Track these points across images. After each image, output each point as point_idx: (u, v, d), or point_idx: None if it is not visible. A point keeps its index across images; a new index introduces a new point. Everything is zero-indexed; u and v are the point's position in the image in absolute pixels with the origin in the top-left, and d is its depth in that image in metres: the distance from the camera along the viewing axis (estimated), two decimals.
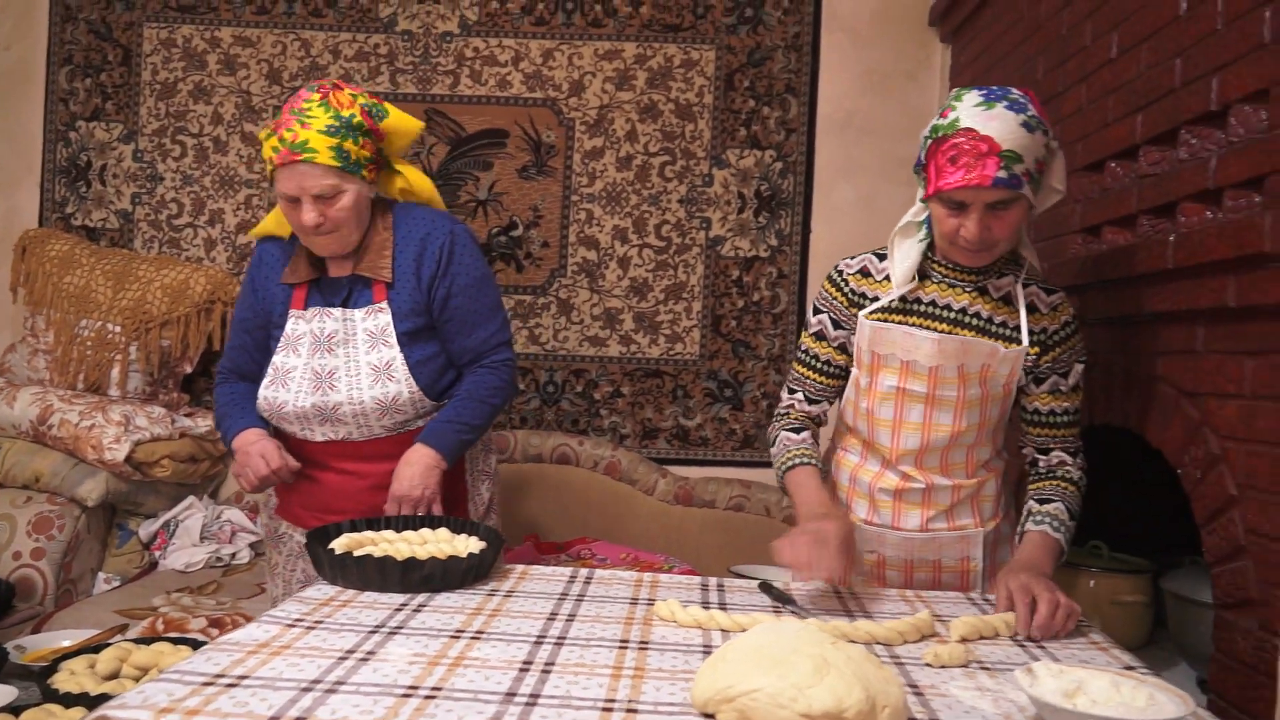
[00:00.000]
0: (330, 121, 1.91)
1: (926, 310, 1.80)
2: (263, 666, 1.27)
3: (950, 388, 1.78)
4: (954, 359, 1.76)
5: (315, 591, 1.66)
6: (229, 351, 2.21)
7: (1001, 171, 1.59)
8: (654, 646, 1.43)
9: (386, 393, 2.06)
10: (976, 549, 1.88)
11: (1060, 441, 1.84)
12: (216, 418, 2.18)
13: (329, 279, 2.09)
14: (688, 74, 3.59)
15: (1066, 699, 1.18)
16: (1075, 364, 1.81)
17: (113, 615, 2.70)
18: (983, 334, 1.78)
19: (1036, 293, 1.79)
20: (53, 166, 3.77)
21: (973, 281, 1.79)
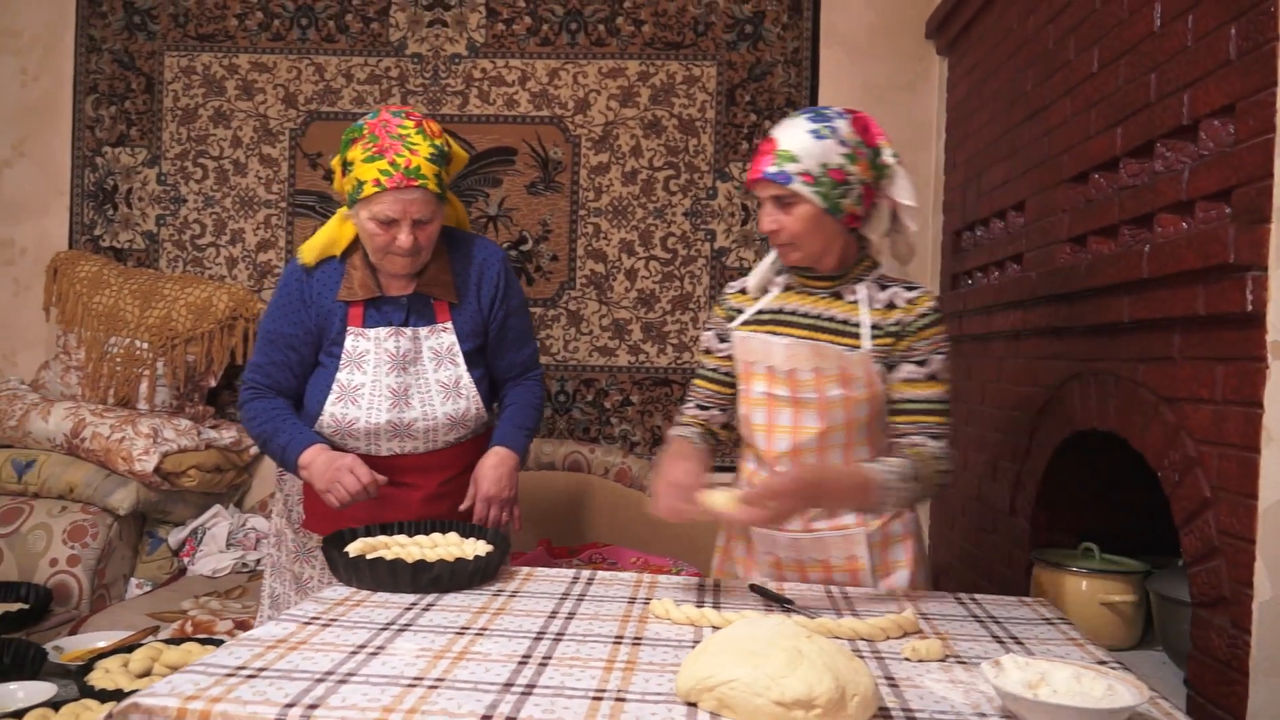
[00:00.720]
0: (431, 150, 1.97)
1: (787, 319, 1.91)
2: (280, 660, 1.36)
3: (809, 390, 1.87)
4: (807, 361, 1.86)
5: (331, 592, 1.75)
6: (265, 367, 2.16)
7: (772, 166, 1.77)
8: (647, 642, 1.52)
9: (457, 409, 2.15)
10: (860, 548, 1.93)
11: (921, 428, 1.86)
12: (261, 433, 2.12)
13: (388, 297, 2.12)
14: (690, 90, 3.69)
15: (1029, 689, 1.25)
16: (933, 355, 1.86)
17: (144, 618, 2.82)
18: (836, 335, 1.87)
19: (897, 292, 1.88)
20: (81, 191, 3.91)
21: (827, 288, 1.90)
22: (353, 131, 2.01)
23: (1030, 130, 2.66)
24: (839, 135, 1.77)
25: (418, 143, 1.96)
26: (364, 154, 1.96)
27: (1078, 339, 2.32)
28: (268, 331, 2.16)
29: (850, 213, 1.81)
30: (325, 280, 2.12)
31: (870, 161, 1.81)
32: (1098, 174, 2.26)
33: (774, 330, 1.91)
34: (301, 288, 2.13)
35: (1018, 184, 2.74)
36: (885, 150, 1.84)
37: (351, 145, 2.00)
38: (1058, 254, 2.41)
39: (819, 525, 1.94)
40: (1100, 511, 2.57)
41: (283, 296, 2.15)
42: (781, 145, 1.77)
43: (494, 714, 1.19)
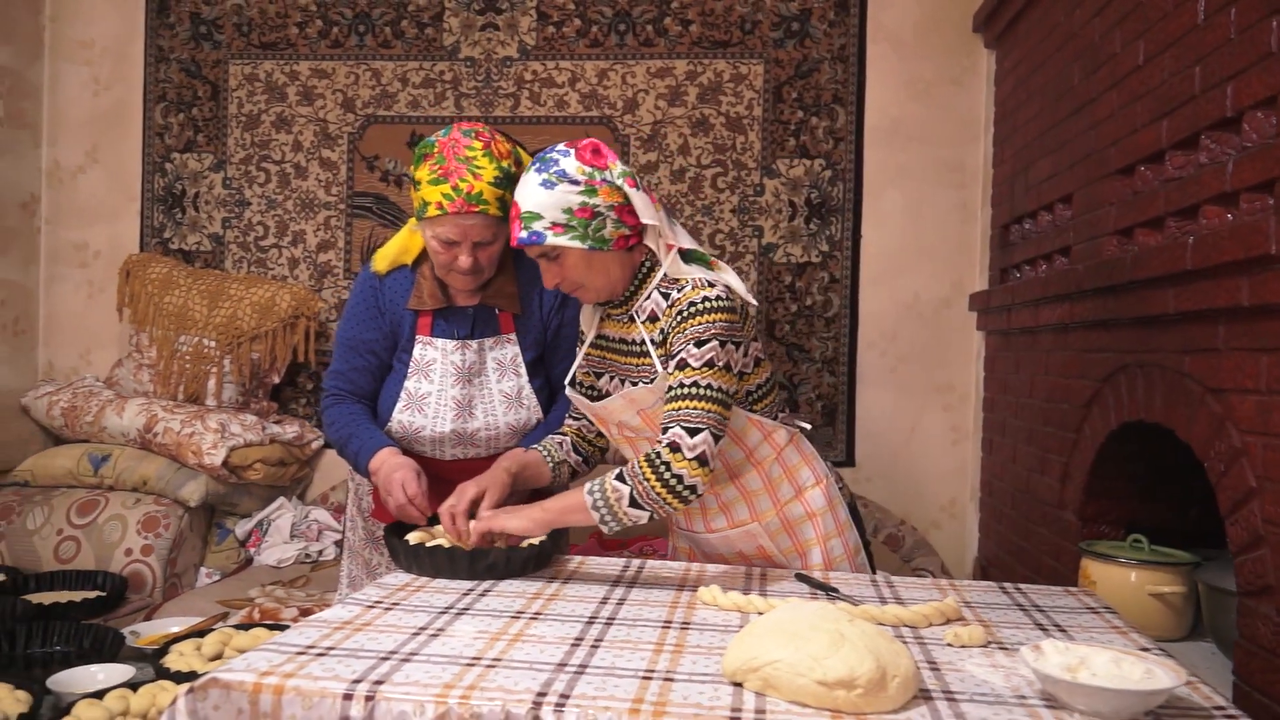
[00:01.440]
0: (496, 173, 1.98)
1: (613, 346, 1.97)
2: (347, 640, 1.44)
3: (646, 430, 1.92)
4: (627, 411, 1.91)
5: (392, 579, 1.83)
6: (346, 372, 2.22)
7: (522, 232, 1.81)
8: (695, 626, 1.57)
9: (519, 418, 2.22)
10: (763, 539, 1.97)
11: (665, 418, 1.79)
12: (339, 437, 2.18)
13: (455, 308, 2.18)
14: (737, 88, 3.73)
15: (1068, 672, 1.29)
16: (686, 345, 1.78)
17: (215, 605, 2.94)
18: (634, 357, 1.92)
19: (656, 300, 1.86)
20: (151, 195, 4.07)
21: (624, 311, 1.93)
22: (424, 148, 2.04)
23: (1077, 124, 2.67)
24: (568, 176, 1.77)
25: (483, 166, 1.98)
26: (430, 175, 2.00)
27: (1124, 331, 2.32)
28: (348, 338, 2.22)
29: (617, 238, 1.82)
30: (397, 288, 2.19)
31: (612, 185, 1.79)
32: (1144, 166, 2.27)
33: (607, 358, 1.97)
34: (376, 295, 2.20)
35: (1065, 177, 2.74)
36: (613, 170, 1.80)
37: (422, 163, 2.03)
38: (1105, 247, 2.42)
39: (718, 525, 2.00)
40: (1148, 504, 2.57)
41: (359, 304, 2.21)
42: (523, 208, 1.79)
43: (549, 691, 1.25)
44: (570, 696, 1.24)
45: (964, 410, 3.72)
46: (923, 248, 3.71)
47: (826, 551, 1.97)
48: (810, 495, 1.98)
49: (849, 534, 2.01)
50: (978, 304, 3.52)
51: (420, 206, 2.03)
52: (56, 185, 4.14)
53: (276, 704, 1.25)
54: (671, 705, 1.23)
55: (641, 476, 1.73)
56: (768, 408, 1.97)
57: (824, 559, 1.97)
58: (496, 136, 2.07)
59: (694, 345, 1.77)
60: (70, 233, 4.14)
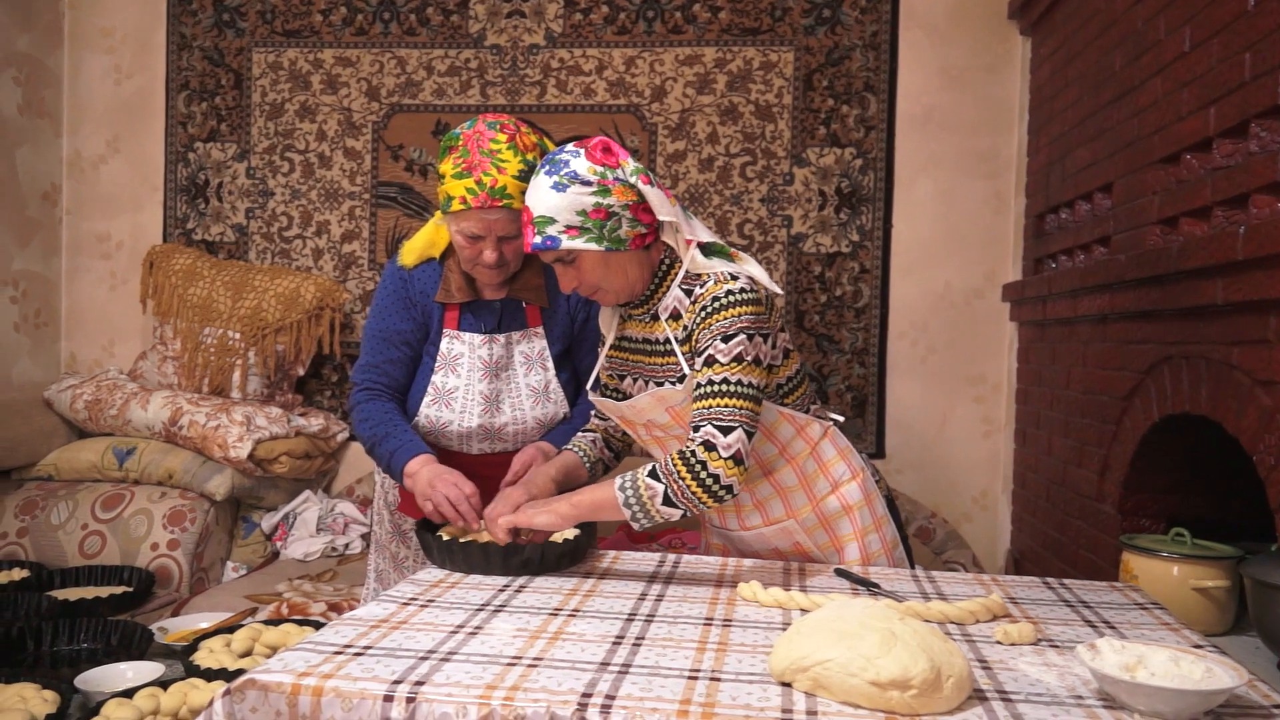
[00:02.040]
0: (520, 167, 1.95)
1: (634, 346, 1.94)
2: (384, 639, 1.42)
3: (676, 428, 1.88)
4: (655, 409, 1.86)
5: (426, 574, 1.81)
6: (380, 366, 2.16)
7: (536, 237, 1.77)
8: (737, 624, 1.54)
9: (546, 413, 2.19)
10: (803, 536, 1.94)
11: (691, 417, 1.77)
12: (371, 436, 2.11)
13: (482, 301, 2.15)
14: (767, 76, 3.68)
15: (1126, 672, 1.25)
16: (713, 341, 1.74)
17: (243, 600, 2.93)
18: (661, 356, 1.87)
19: (679, 297, 1.82)
20: (174, 185, 4.05)
21: (646, 311, 1.89)
22: (449, 140, 2.02)
23: (1118, 111, 2.61)
24: (579, 177, 1.73)
25: (507, 160, 1.94)
26: (454, 169, 1.97)
27: (1168, 322, 2.28)
28: (379, 330, 2.18)
29: (633, 237, 1.77)
30: (425, 281, 2.16)
31: (625, 184, 1.75)
32: (1189, 155, 2.22)
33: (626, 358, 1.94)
34: (405, 287, 2.17)
35: (1105, 166, 2.69)
36: (626, 168, 1.76)
37: (446, 156, 2.01)
38: (1147, 236, 2.37)
39: (753, 523, 1.96)
40: (1189, 497, 2.52)
41: (388, 296, 2.18)
42: (536, 212, 1.75)
43: (593, 692, 1.22)
44: (616, 697, 1.21)
45: (996, 401, 3.67)
46: (954, 238, 3.65)
47: (864, 547, 1.94)
48: (846, 490, 1.94)
49: (886, 528, 1.98)
50: (1011, 295, 3.47)
51: (444, 200, 2.00)
52: (78, 175, 4.13)
53: (315, 705, 1.23)
54: (720, 706, 1.20)
55: (677, 475, 1.70)
56: (799, 400, 1.93)
57: (861, 554, 1.94)
58: (522, 128, 2.03)
59: (721, 341, 1.73)
60: (92, 224, 4.13)
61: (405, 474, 2.04)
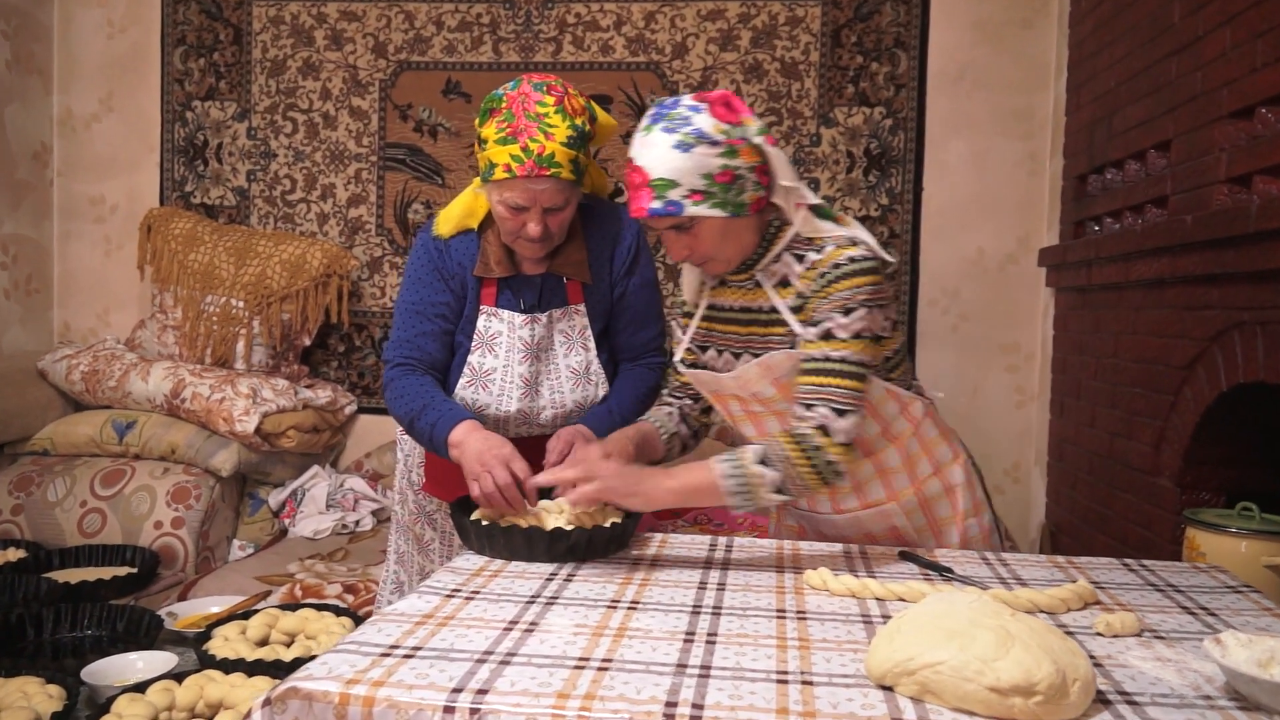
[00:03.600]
0: (570, 133, 1.82)
1: (723, 316, 1.81)
2: (433, 637, 1.29)
3: (779, 402, 1.74)
4: (761, 380, 1.72)
5: (464, 562, 1.69)
6: (413, 340, 2.02)
7: (655, 202, 1.60)
8: (812, 616, 1.43)
9: (586, 395, 2.06)
10: (903, 520, 1.83)
11: (801, 392, 1.65)
12: (409, 411, 1.95)
13: (522, 276, 2.01)
14: (793, 31, 3.52)
15: (1262, 669, 1.14)
16: (833, 314, 1.63)
17: (253, 582, 2.80)
18: (768, 326, 1.74)
19: (788, 261, 1.70)
20: (171, 146, 3.88)
21: (748, 277, 1.75)
22: (490, 101, 1.86)
23: (1178, 64, 2.47)
24: (706, 136, 1.58)
25: (555, 124, 1.80)
26: (498, 133, 1.82)
27: (1238, 286, 2.15)
28: (412, 303, 2.02)
29: (754, 201, 1.64)
30: (461, 252, 2.01)
31: (750, 144, 1.62)
32: (1265, 109, 2.08)
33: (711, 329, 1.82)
34: (440, 258, 2.01)
35: (1161, 122, 2.55)
36: (750, 129, 1.62)
37: (488, 119, 1.85)
38: (1214, 195, 2.23)
39: (849, 506, 1.86)
40: (1250, 470, 2.41)
41: (420, 268, 2.03)
42: (653, 174, 1.59)
43: (678, 700, 1.10)
44: (705, 706, 1.09)
45: (1029, 371, 3.56)
46: (987, 201, 3.52)
47: (964, 531, 1.85)
48: (950, 471, 1.85)
49: (985, 513, 1.89)
50: (1049, 259, 3.34)
51: (486, 168, 1.85)
52: (69, 135, 3.95)
53: (367, 716, 1.10)
54: (822, 715, 1.08)
55: (791, 462, 1.59)
56: (902, 377, 1.82)
57: (961, 539, 1.84)
58: (570, 90, 1.88)
59: (841, 314, 1.62)
60: (85, 186, 3.96)
61: (450, 445, 1.86)
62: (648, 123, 1.63)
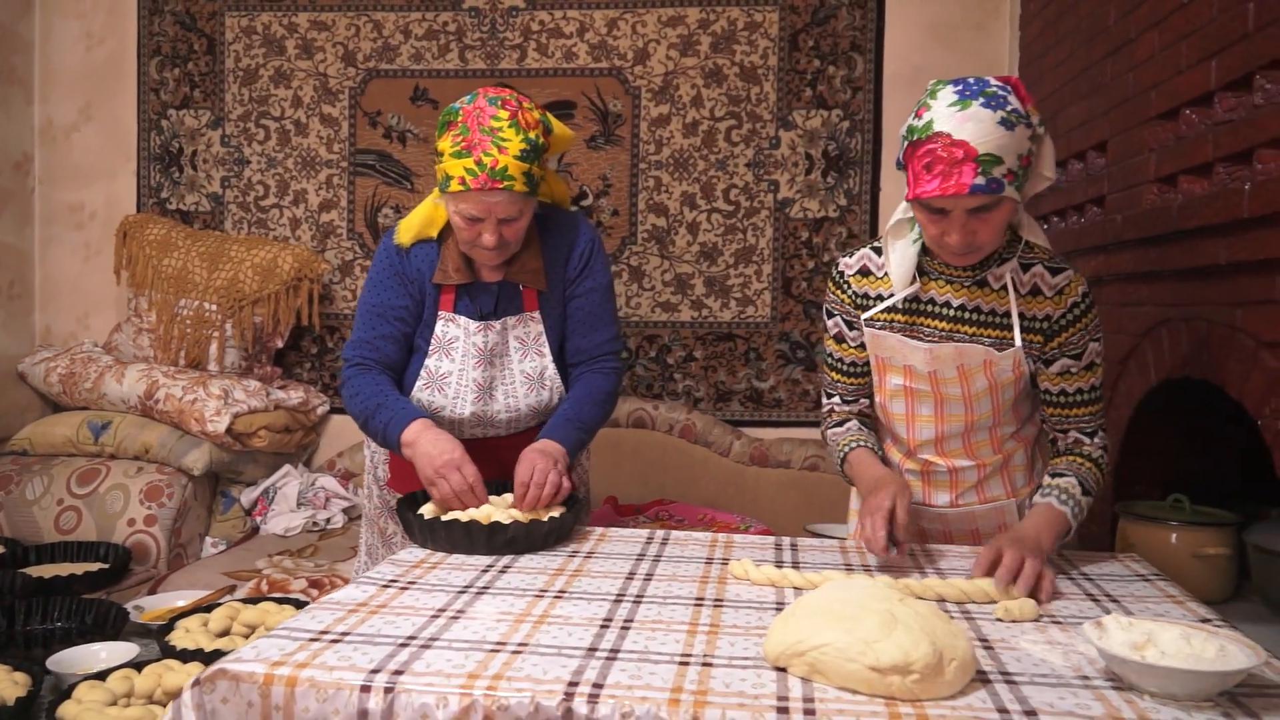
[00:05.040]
0: (523, 146, 1.87)
1: (926, 309, 1.78)
2: (362, 624, 1.36)
3: (953, 386, 1.78)
4: (950, 363, 1.76)
5: (407, 555, 1.75)
6: (371, 341, 2.08)
7: (979, 178, 1.52)
8: (728, 604, 1.49)
9: (540, 400, 2.12)
10: (1012, 517, 1.89)
11: (1076, 421, 1.79)
12: (363, 410, 2.01)
13: (479, 283, 2.07)
14: (751, 36, 3.59)
15: (1135, 651, 1.20)
16: (1089, 343, 1.74)
17: (221, 577, 2.87)
18: (982, 328, 1.75)
19: (1041, 274, 1.72)
20: (148, 154, 3.94)
21: (970, 276, 1.74)
22: (447, 115, 1.92)
23: (1113, 66, 2.54)
24: (1022, 117, 1.55)
25: (509, 138, 1.85)
26: (453, 147, 1.88)
27: (1166, 283, 2.22)
28: (373, 305, 2.09)
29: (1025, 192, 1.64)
30: (421, 260, 2.07)
31: (1035, 131, 1.60)
32: (1189, 110, 2.15)
33: (913, 322, 1.77)
34: (401, 264, 2.08)
35: (1099, 123, 2.62)
36: (1035, 118, 1.60)
37: (445, 132, 1.92)
38: (1144, 195, 2.30)
39: (967, 500, 1.90)
40: (1186, 463, 2.48)
41: (382, 272, 2.09)
42: (982, 149, 1.51)
43: (580, 680, 1.17)
44: (604, 686, 1.16)
45: None
46: None
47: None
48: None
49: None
50: None
51: (443, 180, 1.91)
52: (50, 144, 4.01)
53: (289, 696, 1.18)
54: (713, 694, 1.15)
55: (1099, 481, 1.77)
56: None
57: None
58: (524, 104, 1.94)
59: (1096, 343, 1.75)
60: (65, 193, 4.02)
61: (403, 444, 1.94)
62: (957, 97, 1.54)
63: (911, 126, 1.60)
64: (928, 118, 1.56)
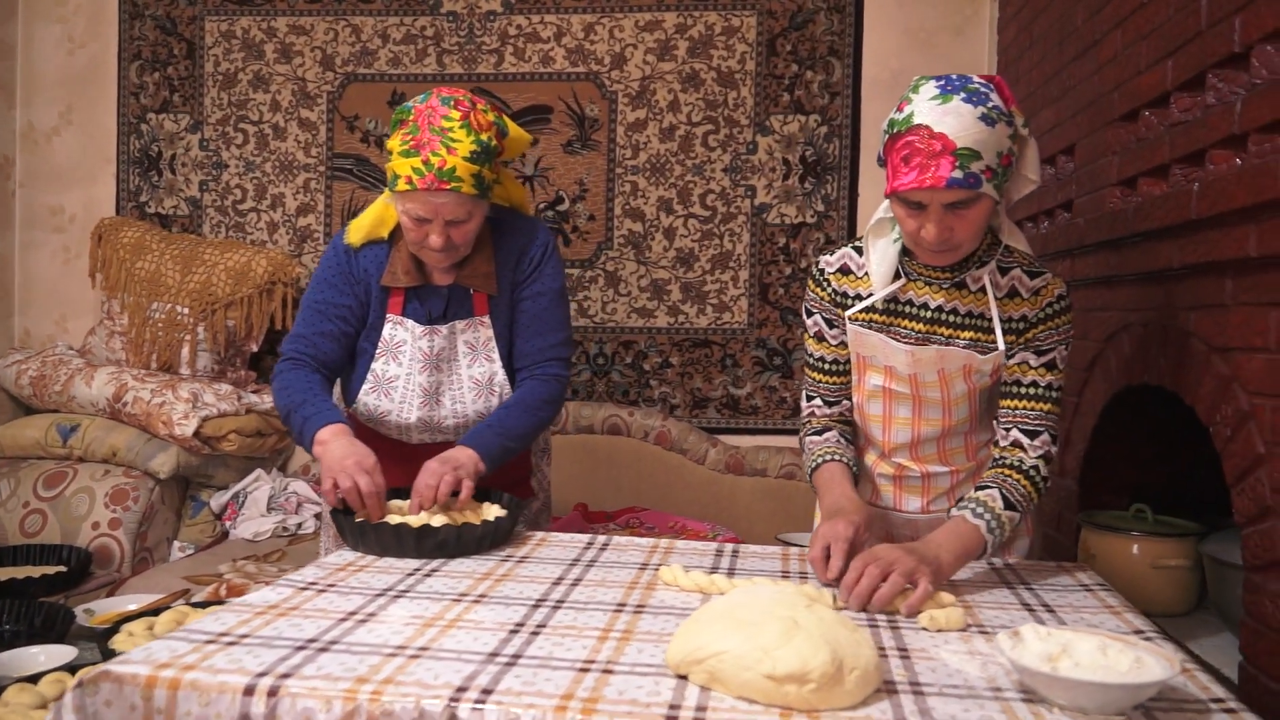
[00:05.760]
0: (473, 147, 1.85)
1: (905, 310, 1.75)
2: (266, 626, 1.33)
3: (933, 389, 1.76)
4: (931, 366, 1.74)
5: (336, 558, 1.73)
6: (309, 337, 2.04)
7: (956, 172, 1.51)
8: (650, 610, 1.46)
9: (489, 406, 2.08)
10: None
11: (1021, 416, 1.73)
12: (287, 405, 1.97)
13: (430, 286, 2.04)
14: (729, 41, 3.56)
15: (1049, 662, 1.16)
16: (1057, 345, 1.72)
17: (181, 581, 2.84)
18: (960, 330, 1.73)
19: (1019, 277, 1.71)
20: (127, 158, 3.94)
21: (949, 278, 1.71)
22: (400, 114, 1.90)
23: (1081, 68, 2.50)
24: (1003, 113, 1.55)
25: (459, 139, 1.84)
26: (402, 145, 1.86)
27: (1127, 288, 2.18)
28: (315, 302, 2.05)
29: (1006, 193, 1.64)
30: (369, 260, 2.05)
31: (1017, 131, 1.60)
32: (1148, 111, 2.11)
33: (891, 323, 1.75)
34: (349, 264, 2.05)
35: (1067, 127, 2.58)
36: (1018, 120, 1.61)
37: (396, 130, 1.90)
38: (1107, 198, 2.27)
39: (938, 507, 1.87)
40: (1154, 471, 2.43)
41: (329, 270, 2.06)
42: (960, 143, 1.50)
43: (470, 685, 1.14)
44: (493, 691, 1.13)
45: None
46: None
47: (1031, 544, 1.94)
48: None
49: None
50: None
51: (391, 178, 1.89)
52: (31, 147, 4.02)
53: (171, 700, 1.15)
54: (604, 702, 1.11)
55: (1028, 495, 1.69)
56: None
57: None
58: (479, 105, 1.92)
59: (1064, 347, 1.73)
60: (46, 196, 4.02)
61: (316, 442, 1.90)
62: (938, 91, 1.54)
63: (892, 120, 1.60)
64: (909, 110, 1.56)
